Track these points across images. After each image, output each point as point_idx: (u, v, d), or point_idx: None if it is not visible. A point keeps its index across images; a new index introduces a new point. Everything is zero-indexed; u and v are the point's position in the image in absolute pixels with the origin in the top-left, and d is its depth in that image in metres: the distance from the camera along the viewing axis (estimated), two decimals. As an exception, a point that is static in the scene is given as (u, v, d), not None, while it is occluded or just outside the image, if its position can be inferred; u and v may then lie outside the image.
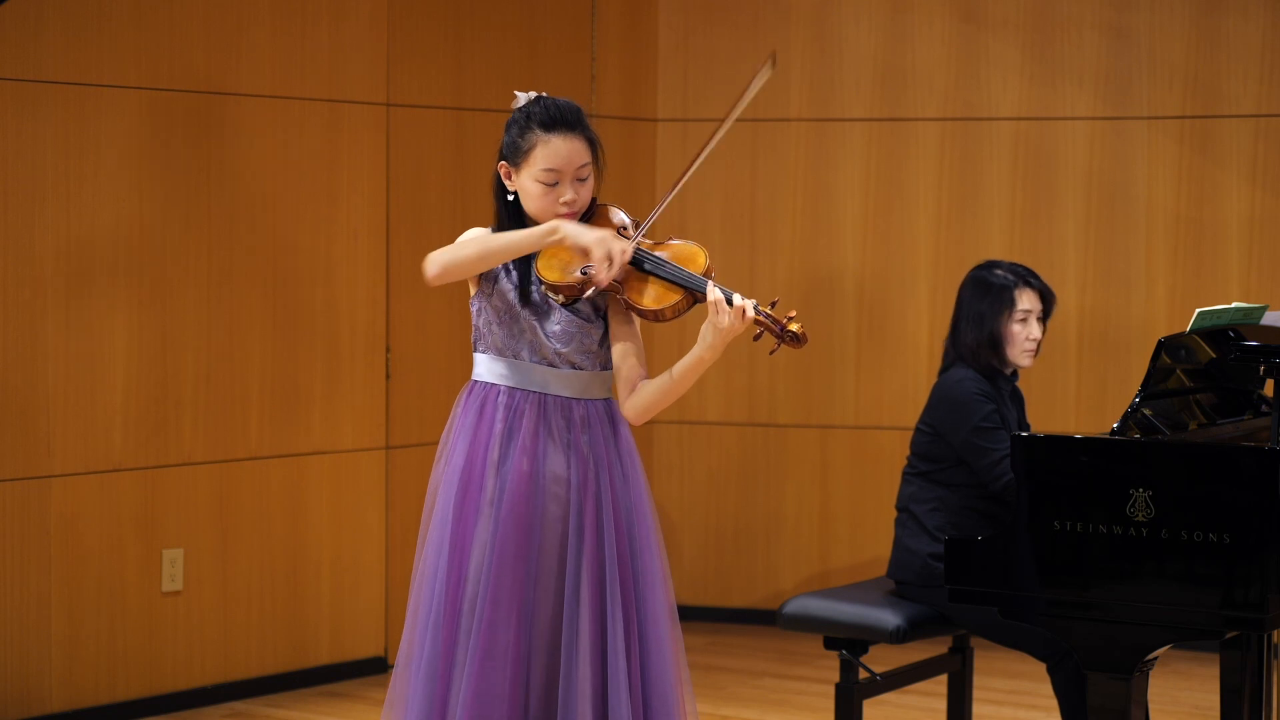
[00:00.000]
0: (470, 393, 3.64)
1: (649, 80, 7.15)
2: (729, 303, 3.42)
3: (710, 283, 3.46)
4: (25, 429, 5.47)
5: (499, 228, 3.62)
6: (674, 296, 3.49)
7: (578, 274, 3.50)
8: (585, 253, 3.45)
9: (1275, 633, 4.53)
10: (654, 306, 3.49)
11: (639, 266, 3.51)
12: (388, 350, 6.30)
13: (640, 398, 3.56)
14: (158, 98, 5.72)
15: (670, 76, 7.16)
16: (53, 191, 5.51)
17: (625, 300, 3.52)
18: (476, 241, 3.52)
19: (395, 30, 6.30)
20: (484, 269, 3.54)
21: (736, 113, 3.59)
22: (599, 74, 6.96)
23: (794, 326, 3.41)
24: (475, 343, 3.65)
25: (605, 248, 3.42)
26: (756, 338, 3.48)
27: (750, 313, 3.41)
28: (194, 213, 5.81)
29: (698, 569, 7.23)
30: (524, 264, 3.59)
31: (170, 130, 5.75)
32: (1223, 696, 4.38)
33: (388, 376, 6.32)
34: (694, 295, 3.48)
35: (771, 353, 3.50)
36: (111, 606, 5.65)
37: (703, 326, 3.46)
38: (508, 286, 3.58)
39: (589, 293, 3.52)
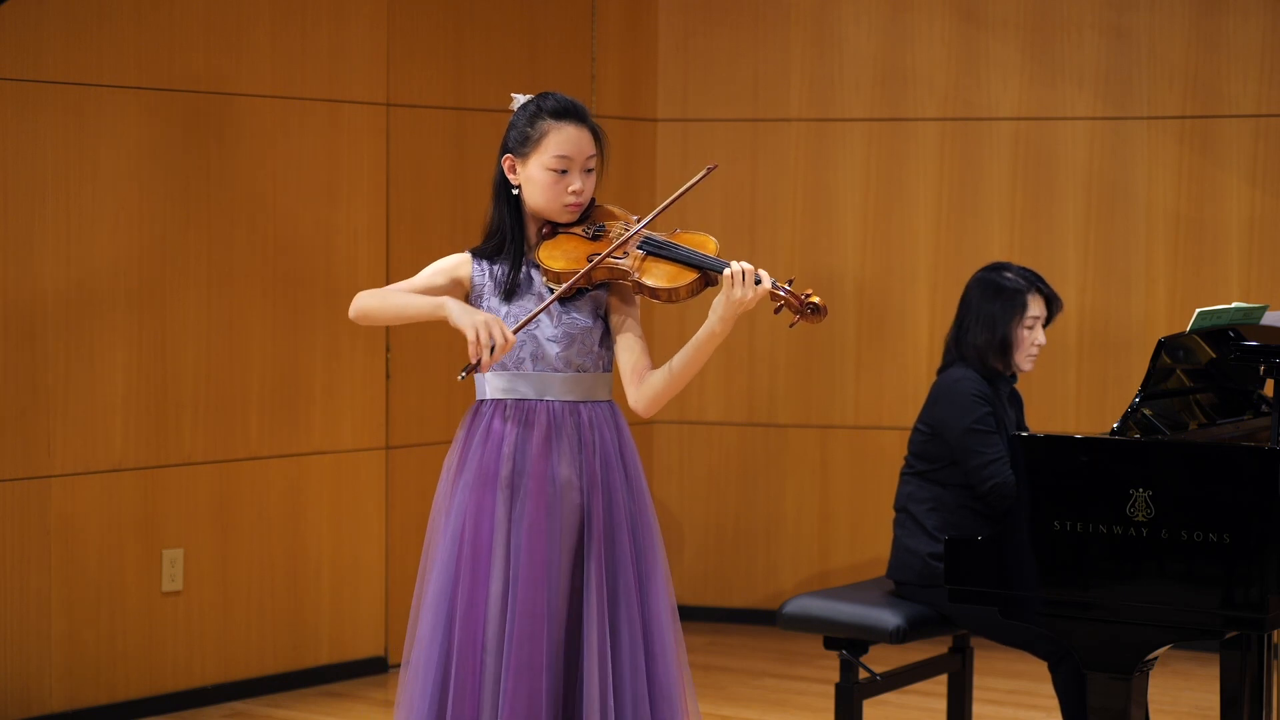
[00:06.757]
0: (477, 411, 3.63)
1: (649, 80, 7.15)
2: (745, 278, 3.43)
3: (730, 262, 3.48)
4: (25, 429, 5.47)
5: (498, 226, 3.63)
6: (689, 276, 3.52)
7: (586, 260, 3.53)
8: (463, 333, 3.44)
9: (1275, 633, 4.53)
10: (669, 285, 3.51)
11: (652, 250, 3.54)
12: (388, 350, 6.30)
13: (650, 387, 3.56)
14: (158, 98, 5.72)
15: (670, 76, 7.16)
16: (53, 191, 5.51)
17: (638, 283, 3.53)
18: (389, 295, 3.62)
19: (395, 30, 6.30)
20: (390, 324, 3.72)
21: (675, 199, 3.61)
22: (599, 74, 6.96)
23: (814, 299, 3.44)
24: None
25: (486, 331, 3.42)
26: (777, 311, 3.50)
27: (767, 284, 3.43)
28: (194, 212, 5.81)
29: (698, 569, 7.22)
30: (517, 260, 3.60)
31: (170, 130, 5.75)
32: (1223, 697, 4.38)
33: (388, 376, 6.31)
34: (707, 276, 3.51)
35: (791, 325, 3.51)
36: (111, 606, 5.65)
37: (715, 301, 3.47)
38: (497, 302, 3.59)
39: (596, 276, 3.54)
